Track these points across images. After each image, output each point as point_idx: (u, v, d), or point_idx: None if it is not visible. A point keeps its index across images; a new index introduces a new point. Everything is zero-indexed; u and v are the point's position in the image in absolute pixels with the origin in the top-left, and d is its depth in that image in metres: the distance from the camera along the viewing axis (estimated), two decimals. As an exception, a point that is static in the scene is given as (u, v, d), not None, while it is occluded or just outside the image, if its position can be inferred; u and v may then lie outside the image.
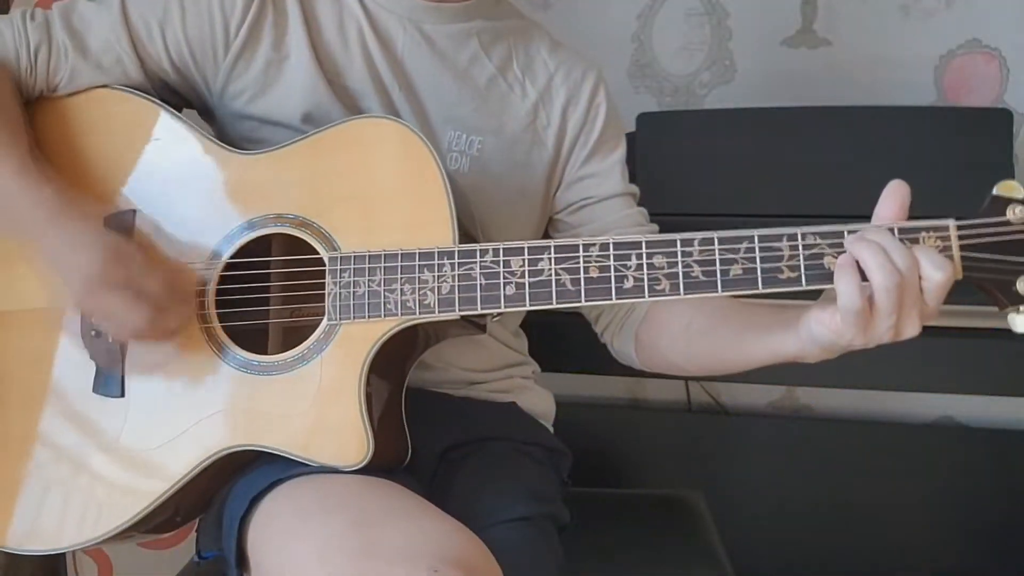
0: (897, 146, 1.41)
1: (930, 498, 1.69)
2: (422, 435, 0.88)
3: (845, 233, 0.71)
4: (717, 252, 0.74)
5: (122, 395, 0.85)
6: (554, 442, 1.05)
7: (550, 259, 0.77)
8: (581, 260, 0.76)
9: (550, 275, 0.77)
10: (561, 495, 0.98)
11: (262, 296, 0.87)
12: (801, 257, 0.72)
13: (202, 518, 0.94)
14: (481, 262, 0.78)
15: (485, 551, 0.72)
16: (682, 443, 1.82)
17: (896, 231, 0.70)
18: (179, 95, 0.95)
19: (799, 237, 0.72)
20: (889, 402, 1.77)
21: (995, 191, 0.71)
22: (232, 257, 0.86)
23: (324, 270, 0.82)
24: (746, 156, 1.46)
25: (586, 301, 0.76)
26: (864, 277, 0.68)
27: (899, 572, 1.69)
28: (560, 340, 1.13)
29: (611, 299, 0.76)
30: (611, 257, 0.76)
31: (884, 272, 0.67)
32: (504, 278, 0.78)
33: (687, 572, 1.07)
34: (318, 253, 0.83)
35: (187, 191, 0.88)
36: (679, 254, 0.75)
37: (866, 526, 1.70)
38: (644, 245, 0.75)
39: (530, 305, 0.77)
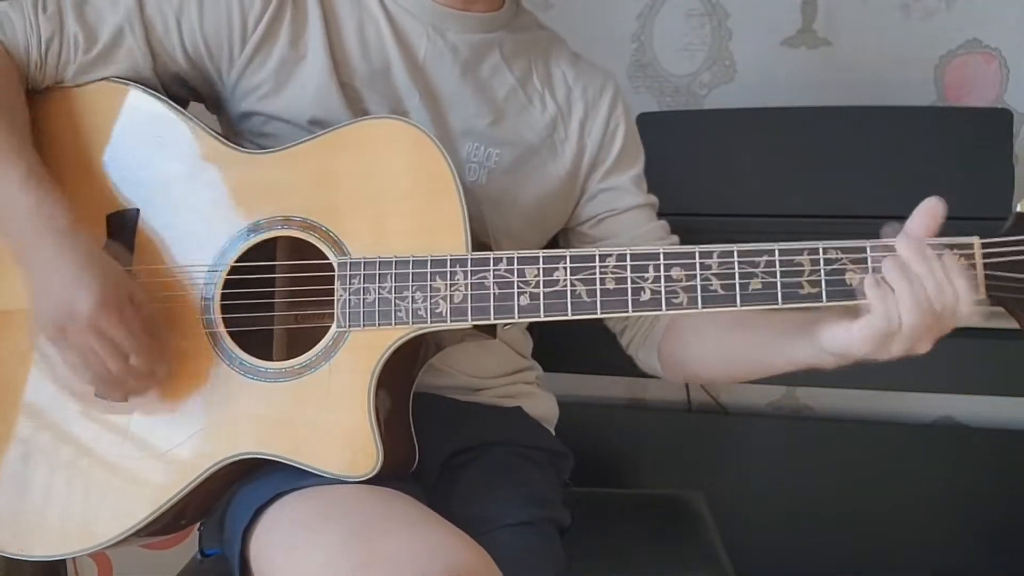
0: (897, 146, 1.41)
1: (930, 498, 1.68)
2: (426, 440, 0.87)
3: (867, 249, 0.70)
4: (736, 265, 0.73)
5: (125, 399, 0.84)
6: (556, 444, 1.04)
7: (565, 269, 0.75)
8: (597, 271, 0.75)
9: (565, 285, 0.75)
10: (562, 497, 0.98)
11: (268, 301, 0.85)
12: (822, 272, 0.71)
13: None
14: (495, 271, 0.77)
15: (488, 560, 0.72)
16: (682, 443, 1.82)
17: None
18: (190, 87, 0.94)
19: (820, 251, 0.71)
20: (889, 402, 1.77)
21: (1020, 208, 0.69)
22: (238, 260, 0.84)
23: (333, 275, 0.81)
24: (746, 156, 1.46)
25: (602, 313, 0.75)
26: None
27: (899, 572, 1.69)
28: (561, 340, 1.13)
29: (627, 311, 0.74)
30: (628, 268, 0.74)
31: (920, 312, 0.67)
32: (518, 287, 0.76)
33: (687, 572, 1.07)
34: (326, 257, 0.81)
35: (192, 190, 0.87)
36: (697, 266, 0.73)
37: (866, 526, 1.70)
38: (662, 256, 0.74)
39: (544, 316, 0.76)
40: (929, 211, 0.70)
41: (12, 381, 0.87)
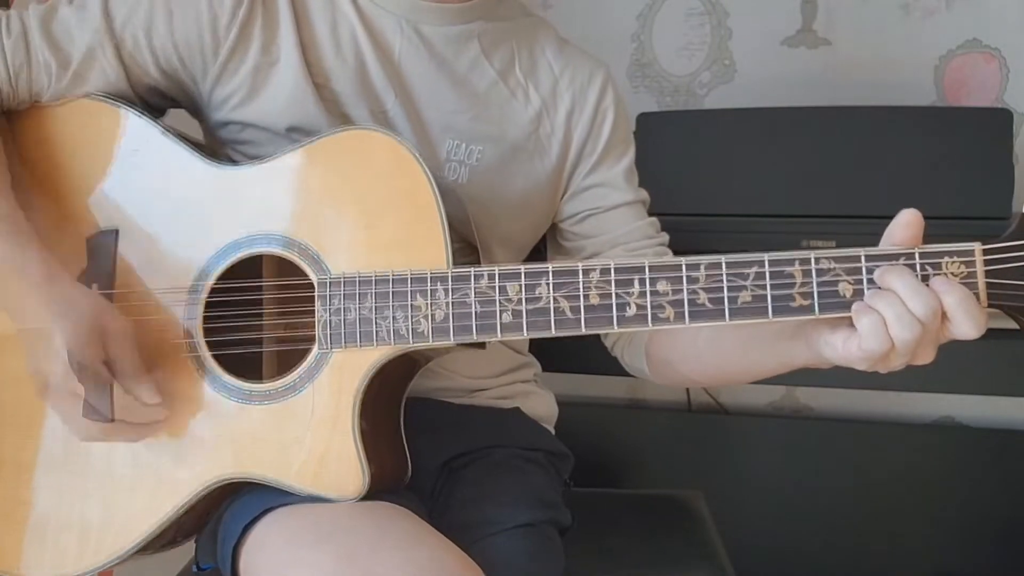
0: (897, 146, 1.41)
1: (930, 498, 1.69)
2: (423, 446, 0.86)
3: (863, 257, 0.67)
4: (725, 278, 0.70)
5: (111, 421, 0.82)
6: (556, 445, 1.03)
7: (548, 285, 0.73)
8: (581, 286, 0.72)
9: (548, 302, 0.73)
10: (563, 498, 0.97)
11: (252, 322, 0.83)
12: (814, 284, 0.68)
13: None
14: (476, 287, 0.74)
15: (478, 572, 0.71)
16: (682, 443, 1.82)
17: (918, 256, 0.67)
18: (166, 97, 0.92)
19: (812, 261, 0.68)
20: (889, 402, 1.77)
21: (1022, 210, 0.66)
22: (220, 279, 0.82)
23: (314, 294, 0.79)
24: (746, 156, 1.46)
25: (586, 330, 0.73)
26: None
27: (899, 572, 1.69)
28: (561, 340, 1.13)
29: (613, 328, 0.72)
30: (612, 283, 0.72)
31: (903, 326, 0.65)
32: (500, 305, 0.74)
33: (687, 572, 1.07)
34: (307, 276, 0.80)
35: (171, 207, 0.85)
36: (684, 280, 0.70)
37: (866, 526, 1.70)
38: (647, 270, 0.71)
39: (528, 333, 0.74)
40: (906, 225, 0.68)
41: (1, 402, 0.86)
